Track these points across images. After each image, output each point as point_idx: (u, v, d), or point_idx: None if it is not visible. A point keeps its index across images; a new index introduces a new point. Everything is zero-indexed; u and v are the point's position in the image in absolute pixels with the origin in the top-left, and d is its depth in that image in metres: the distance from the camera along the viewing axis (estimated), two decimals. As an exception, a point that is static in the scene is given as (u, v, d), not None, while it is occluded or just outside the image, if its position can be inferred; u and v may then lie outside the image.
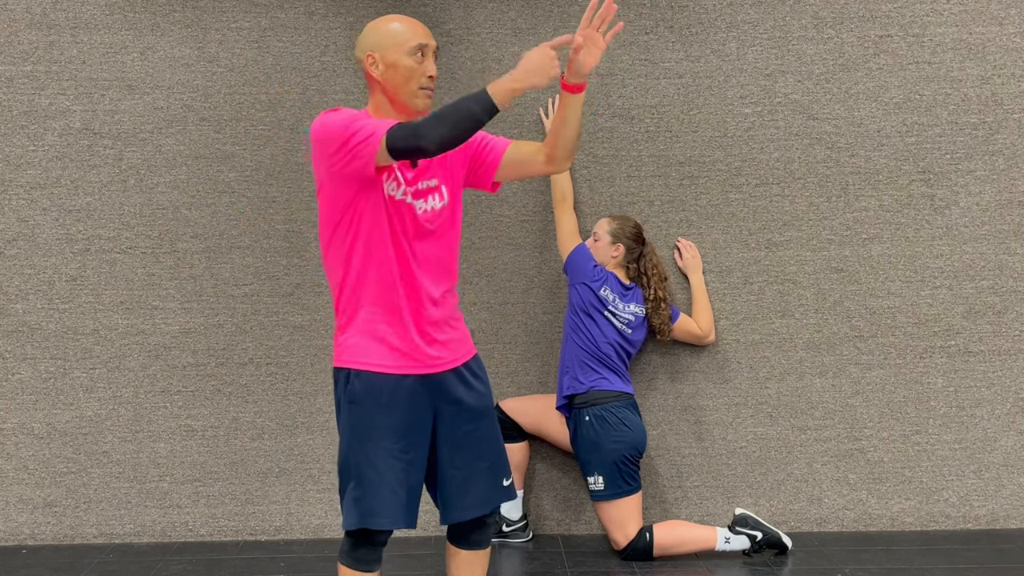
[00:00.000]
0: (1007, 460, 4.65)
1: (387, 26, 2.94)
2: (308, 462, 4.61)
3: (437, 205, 3.00)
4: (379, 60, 2.91)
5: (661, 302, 4.38)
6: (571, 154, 3.01)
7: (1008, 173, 4.61)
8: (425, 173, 2.98)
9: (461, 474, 3.03)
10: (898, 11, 4.57)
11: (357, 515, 2.91)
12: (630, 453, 4.25)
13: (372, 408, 2.93)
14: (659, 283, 4.40)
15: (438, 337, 3.00)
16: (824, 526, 4.64)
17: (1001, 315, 4.63)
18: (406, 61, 2.90)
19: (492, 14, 4.56)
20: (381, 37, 2.92)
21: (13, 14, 4.50)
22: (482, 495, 3.05)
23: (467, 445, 3.04)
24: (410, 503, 2.96)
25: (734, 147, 4.60)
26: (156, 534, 4.58)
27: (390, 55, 2.90)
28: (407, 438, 2.95)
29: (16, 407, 4.56)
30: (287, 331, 4.59)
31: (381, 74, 2.92)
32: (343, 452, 2.96)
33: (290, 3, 4.54)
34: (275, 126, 4.54)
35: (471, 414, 3.04)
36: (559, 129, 2.97)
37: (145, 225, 4.55)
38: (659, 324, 4.40)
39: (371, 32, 2.96)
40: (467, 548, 3.12)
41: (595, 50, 2.89)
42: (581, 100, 2.94)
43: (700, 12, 4.57)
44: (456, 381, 3.03)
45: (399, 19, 2.97)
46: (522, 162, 3.05)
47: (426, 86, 2.94)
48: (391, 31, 2.92)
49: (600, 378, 4.29)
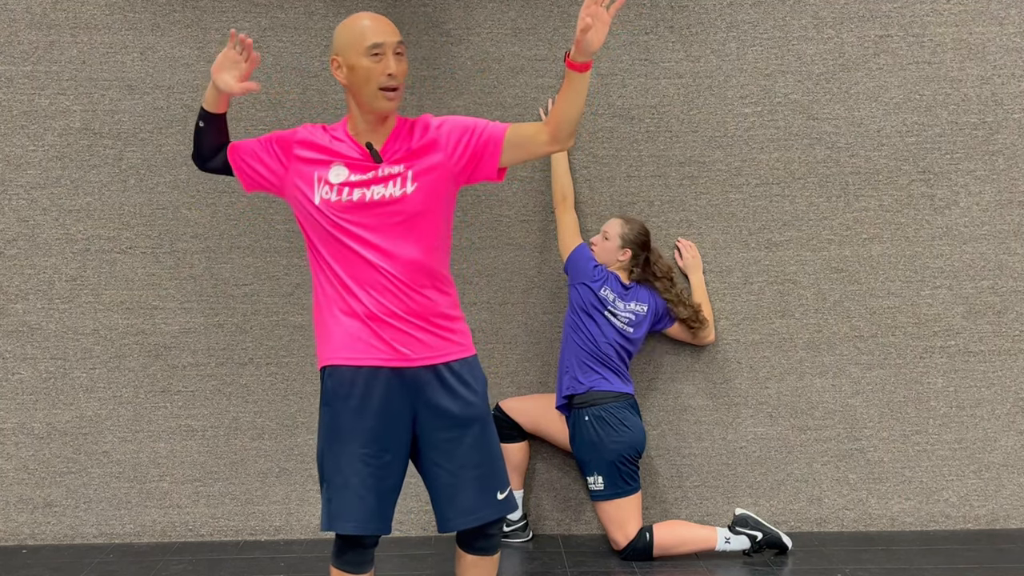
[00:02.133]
0: (1007, 460, 4.65)
1: (347, 28, 2.92)
2: (308, 462, 4.61)
3: (396, 192, 2.94)
4: (342, 63, 2.91)
5: (678, 305, 4.40)
6: (573, 133, 2.97)
7: (1008, 173, 4.61)
8: (389, 160, 2.97)
9: (446, 481, 2.99)
10: (898, 11, 4.57)
11: (327, 518, 2.95)
12: (629, 453, 4.25)
13: (341, 409, 2.95)
14: (669, 286, 4.42)
15: (410, 332, 2.96)
16: (824, 526, 4.64)
17: (1001, 315, 4.63)
18: (363, 62, 2.87)
19: (492, 14, 4.56)
20: (341, 40, 2.92)
21: (13, 14, 4.50)
22: (471, 505, 2.99)
23: (450, 452, 2.99)
24: (381, 508, 2.94)
25: (734, 147, 4.60)
26: (156, 534, 4.58)
27: (350, 57, 2.89)
28: (379, 442, 2.94)
29: (16, 407, 4.56)
30: (287, 331, 4.59)
31: (345, 77, 2.92)
32: (318, 454, 3.00)
33: (290, 3, 4.54)
34: (275, 126, 4.54)
35: (453, 421, 2.98)
36: (563, 107, 2.93)
37: (145, 225, 4.55)
38: (688, 316, 4.41)
39: (336, 35, 2.95)
40: (472, 553, 3.10)
41: (602, 27, 2.84)
42: (587, 79, 2.92)
43: (700, 12, 4.57)
44: (435, 383, 2.99)
45: (360, 18, 2.93)
46: (524, 143, 3.00)
47: (385, 85, 2.89)
48: (349, 32, 2.90)
49: (600, 378, 4.29)
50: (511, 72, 4.56)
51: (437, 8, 4.55)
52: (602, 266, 4.37)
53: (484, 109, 4.55)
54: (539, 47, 4.55)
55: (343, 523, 2.91)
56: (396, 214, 2.95)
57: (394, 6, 4.53)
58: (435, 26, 4.54)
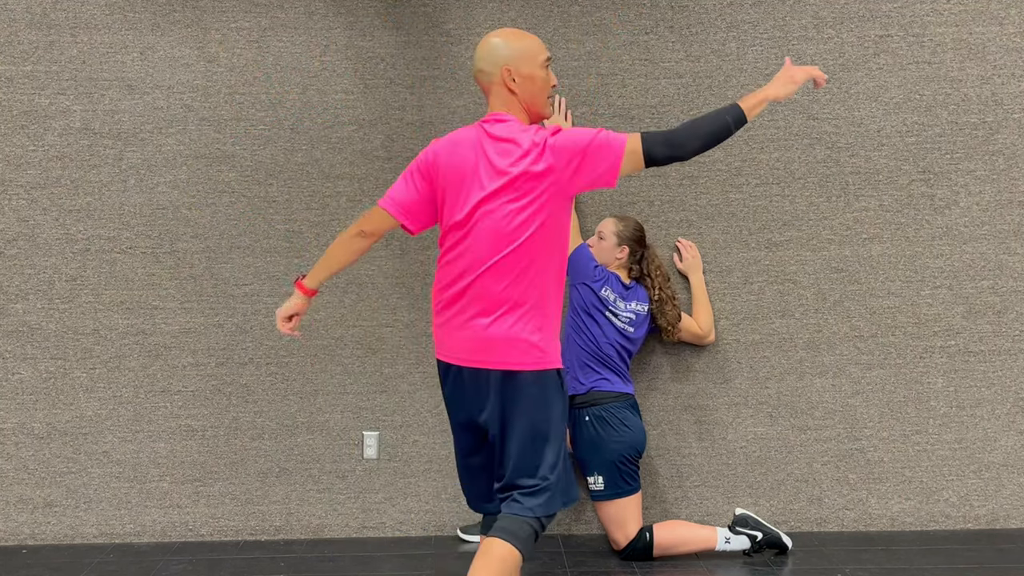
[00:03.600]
0: (1007, 460, 4.65)
1: (520, 41, 3.23)
2: (308, 462, 4.61)
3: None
4: (515, 73, 3.18)
5: (666, 302, 4.39)
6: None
7: (1008, 173, 4.61)
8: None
9: None
10: (898, 11, 4.57)
11: (576, 490, 3.27)
12: (629, 453, 4.25)
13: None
14: (663, 283, 4.41)
15: None
16: (824, 526, 4.64)
17: (1001, 315, 4.63)
18: (540, 73, 3.21)
19: (492, 14, 4.56)
20: (514, 52, 3.19)
21: (13, 14, 4.50)
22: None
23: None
24: None
25: (734, 147, 4.60)
26: (156, 534, 4.58)
27: (525, 68, 3.19)
28: None
29: (16, 407, 4.56)
30: (287, 331, 4.59)
31: (518, 86, 3.19)
32: (562, 442, 3.21)
33: (290, 3, 4.54)
34: (275, 126, 4.55)
35: None
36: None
37: (145, 225, 4.55)
38: (665, 325, 4.40)
39: (502, 47, 3.20)
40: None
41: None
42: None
43: (700, 12, 4.57)
44: None
45: (526, 34, 3.27)
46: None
47: (551, 94, 3.28)
48: (525, 46, 3.22)
49: (601, 379, 4.29)
50: (511, 72, 4.56)
51: (437, 8, 4.56)
52: (602, 266, 4.37)
53: (484, 109, 4.55)
54: (539, 47, 4.55)
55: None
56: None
57: (394, 6, 4.53)
58: (435, 26, 4.54)
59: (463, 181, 3.15)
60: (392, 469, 4.62)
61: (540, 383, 3.12)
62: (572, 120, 4.51)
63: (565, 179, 3.10)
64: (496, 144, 3.14)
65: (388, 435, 4.57)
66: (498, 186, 3.09)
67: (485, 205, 3.10)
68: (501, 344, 3.10)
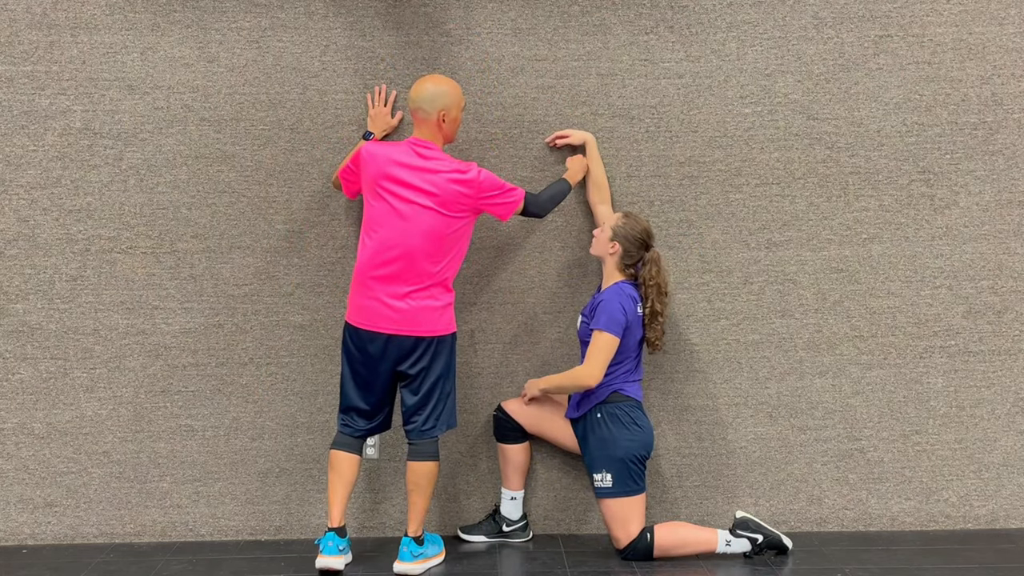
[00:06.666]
0: (1007, 460, 4.65)
1: (454, 93, 4.14)
2: (308, 462, 4.61)
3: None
4: (446, 116, 4.13)
5: (657, 316, 4.28)
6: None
7: (1008, 173, 4.61)
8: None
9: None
10: (898, 11, 4.57)
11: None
12: (640, 453, 4.24)
13: None
14: (657, 296, 4.27)
15: None
16: (824, 526, 4.64)
17: (1001, 315, 4.64)
18: (460, 115, 4.22)
19: (492, 14, 4.56)
20: (450, 101, 4.13)
21: (13, 14, 4.50)
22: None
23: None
24: None
25: (734, 147, 4.60)
26: (156, 534, 4.58)
27: (453, 112, 4.15)
28: None
29: (16, 407, 4.56)
30: (287, 331, 4.59)
31: (447, 125, 4.15)
32: (455, 385, 4.27)
33: (290, 3, 4.54)
34: (275, 126, 4.55)
35: None
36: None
37: (145, 225, 4.55)
38: (653, 338, 4.33)
39: (444, 95, 4.11)
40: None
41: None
42: None
43: (700, 12, 4.57)
44: None
45: (455, 85, 4.19)
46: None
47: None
48: (457, 97, 4.16)
49: (626, 384, 4.30)
50: (511, 72, 4.56)
51: (437, 8, 4.55)
52: (633, 307, 4.27)
53: (484, 109, 4.55)
54: (539, 47, 4.55)
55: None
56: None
57: (394, 6, 4.53)
58: (435, 26, 4.54)
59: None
60: (392, 469, 4.62)
61: (442, 344, 4.17)
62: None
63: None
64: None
65: (388, 435, 4.56)
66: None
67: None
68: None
